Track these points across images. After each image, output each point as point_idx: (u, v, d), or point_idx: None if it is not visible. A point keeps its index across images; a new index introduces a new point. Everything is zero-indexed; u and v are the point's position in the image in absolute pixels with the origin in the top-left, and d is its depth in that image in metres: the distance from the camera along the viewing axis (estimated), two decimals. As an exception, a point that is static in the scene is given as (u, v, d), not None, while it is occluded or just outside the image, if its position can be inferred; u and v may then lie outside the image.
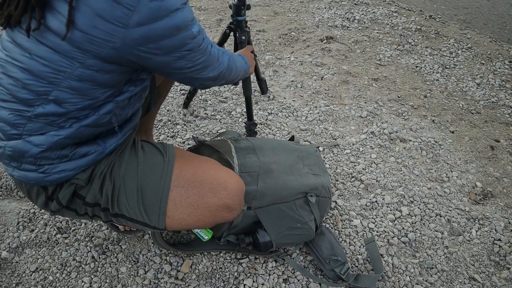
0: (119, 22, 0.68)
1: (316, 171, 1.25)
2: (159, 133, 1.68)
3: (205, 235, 1.12)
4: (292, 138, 1.51)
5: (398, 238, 1.27)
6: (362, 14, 2.89)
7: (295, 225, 1.12)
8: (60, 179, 0.83)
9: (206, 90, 2.00)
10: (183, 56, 0.79)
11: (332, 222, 1.30)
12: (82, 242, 1.21)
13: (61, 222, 1.26)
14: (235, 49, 1.55)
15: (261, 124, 1.75)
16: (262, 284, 1.11)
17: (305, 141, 1.67)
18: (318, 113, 1.84)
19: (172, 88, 1.99)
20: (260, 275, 1.13)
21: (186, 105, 1.82)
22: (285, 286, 1.11)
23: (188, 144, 1.62)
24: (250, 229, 1.15)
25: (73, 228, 1.25)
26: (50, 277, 1.11)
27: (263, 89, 1.93)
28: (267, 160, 1.17)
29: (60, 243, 1.21)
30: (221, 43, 1.60)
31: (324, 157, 1.59)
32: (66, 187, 0.85)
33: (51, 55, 0.71)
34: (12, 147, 0.79)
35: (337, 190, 1.44)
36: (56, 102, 0.75)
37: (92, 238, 1.22)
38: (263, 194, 1.10)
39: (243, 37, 1.45)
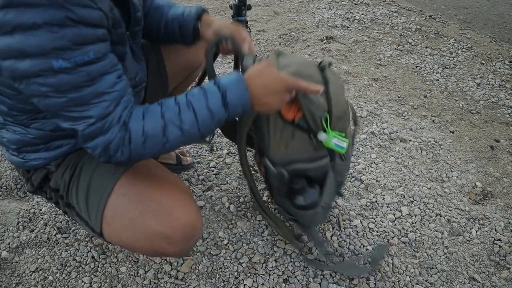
0: None
1: None
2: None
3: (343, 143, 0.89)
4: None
5: (398, 238, 1.27)
6: (362, 14, 2.89)
7: None
8: (37, 165, 0.87)
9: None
10: (44, 94, 0.63)
11: (335, 222, 1.30)
12: (82, 242, 1.21)
13: (61, 222, 1.26)
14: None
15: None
16: (262, 284, 1.11)
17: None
18: (318, 113, 1.84)
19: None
20: (260, 275, 1.13)
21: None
22: (285, 286, 1.11)
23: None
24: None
25: (73, 228, 1.25)
26: (50, 277, 1.11)
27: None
28: None
29: (60, 243, 1.21)
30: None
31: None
32: (40, 170, 0.89)
33: None
34: None
35: (337, 190, 1.44)
36: None
37: (92, 238, 1.22)
38: None
39: (243, 37, 1.44)
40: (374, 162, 1.57)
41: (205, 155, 1.55)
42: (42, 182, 0.91)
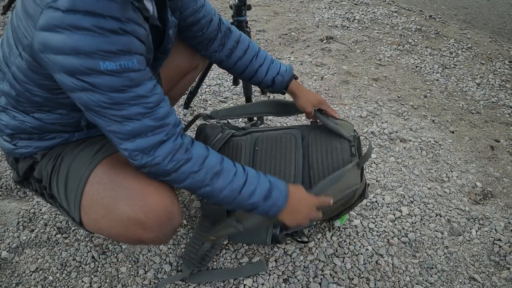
0: (31, 20, 0.66)
1: None
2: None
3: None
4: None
5: (398, 238, 1.27)
6: (362, 14, 2.89)
7: None
8: (26, 154, 0.89)
9: (207, 89, 2.00)
10: (85, 89, 0.68)
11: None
12: (82, 242, 1.21)
13: (61, 222, 1.26)
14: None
15: (262, 125, 1.75)
16: (262, 284, 1.11)
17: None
18: (318, 113, 1.84)
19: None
20: (260, 275, 1.13)
21: (186, 105, 1.82)
22: (285, 286, 1.11)
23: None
24: None
25: (73, 228, 1.25)
26: (50, 277, 1.11)
27: (263, 89, 1.93)
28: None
29: (60, 243, 1.21)
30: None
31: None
32: (26, 160, 0.90)
33: (10, 37, 0.75)
34: None
35: (337, 190, 1.44)
36: (10, 83, 0.79)
37: (92, 238, 1.22)
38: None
39: (243, 37, 1.45)
40: (374, 162, 1.57)
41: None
42: (28, 172, 0.92)
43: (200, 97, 1.93)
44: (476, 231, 1.32)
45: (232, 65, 1.14)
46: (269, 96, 1.95)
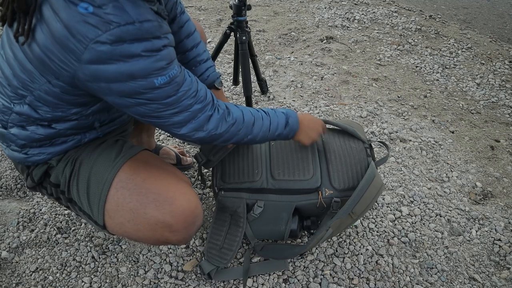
0: (73, 55, 0.66)
1: None
2: (160, 132, 1.68)
3: None
4: None
5: (398, 238, 1.27)
6: (362, 14, 2.89)
7: None
8: (39, 161, 0.89)
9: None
10: (141, 104, 0.75)
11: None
12: (82, 242, 1.21)
13: (61, 222, 1.26)
14: (236, 49, 1.55)
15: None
16: (262, 284, 1.11)
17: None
18: (318, 113, 1.84)
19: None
20: (260, 275, 1.13)
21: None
22: (285, 286, 1.11)
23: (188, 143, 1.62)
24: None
25: (73, 228, 1.25)
26: (50, 277, 1.11)
27: (263, 89, 1.93)
28: None
29: (60, 243, 1.21)
30: (222, 43, 1.60)
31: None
32: (40, 166, 0.90)
33: (26, 64, 0.73)
34: (1, 133, 0.87)
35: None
36: (31, 106, 0.79)
37: (92, 238, 1.22)
38: None
39: (244, 37, 1.45)
40: (374, 162, 1.57)
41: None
42: (42, 177, 0.92)
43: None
44: (476, 231, 1.32)
45: None
46: (269, 96, 1.95)
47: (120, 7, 0.65)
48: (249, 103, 1.55)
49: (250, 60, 1.56)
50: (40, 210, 1.30)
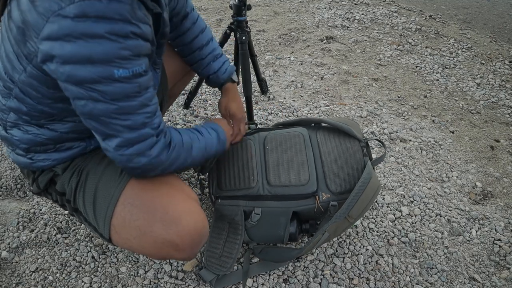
0: (34, 30, 0.62)
1: None
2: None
3: None
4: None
5: (398, 238, 1.27)
6: (362, 14, 2.89)
7: None
8: (44, 167, 0.88)
9: (207, 89, 2.00)
10: (93, 99, 0.66)
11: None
12: (82, 242, 1.21)
13: (61, 222, 1.26)
14: (236, 49, 1.55)
15: (261, 124, 1.75)
16: (262, 284, 1.11)
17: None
18: (318, 113, 1.84)
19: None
20: (260, 275, 1.13)
21: (186, 105, 1.82)
22: (285, 286, 1.11)
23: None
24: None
25: (73, 228, 1.25)
26: (50, 277, 1.11)
27: (263, 89, 1.93)
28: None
29: (60, 243, 1.21)
30: (222, 43, 1.60)
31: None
32: (46, 172, 0.90)
33: (10, 53, 0.71)
34: (2, 135, 0.86)
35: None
36: (18, 99, 0.77)
37: (92, 238, 1.22)
38: None
39: (244, 37, 1.45)
40: (374, 162, 1.57)
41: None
42: (48, 184, 0.91)
43: (200, 97, 1.93)
44: (476, 231, 1.32)
45: (176, 47, 1.13)
46: (269, 96, 1.95)
47: None
48: (249, 103, 1.55)
49: (250, 60, 1.56)
50: (40, 210, 1.30)
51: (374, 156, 1.59)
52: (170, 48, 1.14)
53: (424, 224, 1.33)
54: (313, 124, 1.23)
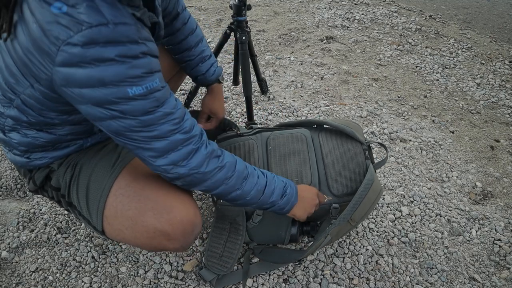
0: (48, 57, 0.64)
1: None
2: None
3: None
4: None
5: (398, 238, 1.27)
6: (362, 14, 2.89)
7: None
8: (41, 164, 0.89)
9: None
10: (115, 117, 0.68)
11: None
12: (82, 242, 1.21)
13: (61, 222, 1.26)
14: (236, 49, 1.55)
15: (261, 124, 1.75)
16: (262, 284, 1.11)
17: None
18: (318, 113, 1.84)
19: (172, 88, 1.99)
20: (260, 275, 1.13)
21: (186, 105, 1.82)
22: (285, 286, 1.11)
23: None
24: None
25: (73, 228, 1.25)
26: (50, 277, 1.11)
27: (263, 89, 1.93)
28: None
29: (60, 243, 1.21)
30: (222, 43, 1.60)
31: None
32: (42, 169, 0.90)
33: (12, 67, 0.71)
34: (0, 138, 0.86)
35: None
36: (19, 109, 0.78)
37: (92, 238, 1.22)
38: None
39: (244, 37, 1.45)
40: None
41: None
42: (44, 181, 0.92)
43: (200, 97, 1.93)
44: (476, 231, 1.32)
45: (166, 45, 1.13)
46: (269, 96, 1.95)
47: (94, 7, 0.61)
48: (249, 103, 1.55)
49: (250, 60, 1.56)
50: (40, 210, 1.30)
51: (375, 155, 1.59)
52: (161, 45, 1.14)
53: (424, 224, 1.33)
54: (315, 126, 1.23)
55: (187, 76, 1.28)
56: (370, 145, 1.16)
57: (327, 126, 1.20)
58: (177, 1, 1.05)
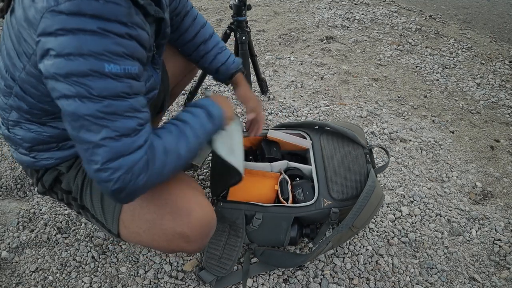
0: (32, 27, 0.62)
1: None
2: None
3: None
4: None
5: (398, 238, 1.27)
6: (362, 14, 2.89)
7: None
8: (48, 165, 0.88)
9: (207, 88, 1.99)
10: (80, 95, 0.62)
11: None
12: (82, 242, 1.21)
13: (61, 222, 1.26)
14: (236, 49, 1.55)
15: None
16: (262, 284, 1.11)
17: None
18: (318, 113, 1.84)
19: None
20: (260, 275, 1.13)
21: (186, 105, 1.82)
22: (285, 286, 1.11)
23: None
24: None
25: (73, 228, 1.25)
26: (50, 277, 1.11)
27: (263, 89, 1.93)
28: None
29: (60, 243, 1.21)
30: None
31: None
32: (50, 172, 0.90)
33: (10, 50, 0.71)
34: (5, 135, 0.86)
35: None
36: (18, 97, 0.77)
37: (92, 238, 1.22)
38: None
39: (244, 37, 1.45)
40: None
41: (205, 155, 1.55)
42: (53, 183, 0.91)
43: (200, 97, 1.93)
44: (476, 231, 1.32)
45: (180, 46, 1.13)
46: (269, 96, 1.95)
47: None
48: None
49: (250, 60, 1.56)
50: (40, 210, 1.30)
51: (375, 156, 1.59)
52: (171, 48, 1.14)
53: (424, 224, 1.33)
54: (316, 127, 1.23)
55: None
56: (372, 149, 1.16)
57: (328, 128, 1.20)
58: (186, 0, 1.06)
